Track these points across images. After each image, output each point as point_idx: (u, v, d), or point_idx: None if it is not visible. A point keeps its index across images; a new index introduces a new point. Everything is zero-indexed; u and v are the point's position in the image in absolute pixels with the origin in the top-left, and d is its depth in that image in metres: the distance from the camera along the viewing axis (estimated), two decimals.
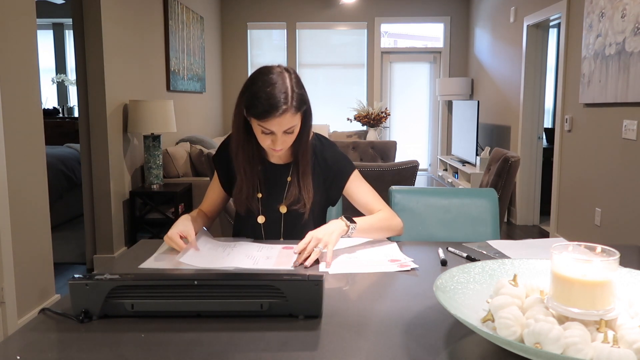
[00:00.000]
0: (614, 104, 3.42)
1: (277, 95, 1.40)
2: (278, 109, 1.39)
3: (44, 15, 7.31)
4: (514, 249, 1.47)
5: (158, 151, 3.92)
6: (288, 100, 1.41)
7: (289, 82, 1.44)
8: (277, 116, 1.40)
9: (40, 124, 2.73)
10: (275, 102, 1.40)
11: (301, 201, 1.58)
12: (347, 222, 1.45)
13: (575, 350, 0.76)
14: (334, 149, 1.66)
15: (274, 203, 1.61)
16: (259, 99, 1.41)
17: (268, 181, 1.63)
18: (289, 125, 1.44)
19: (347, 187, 1.64)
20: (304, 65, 7.27)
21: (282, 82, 1.42)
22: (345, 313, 1.04)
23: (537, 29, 4.89)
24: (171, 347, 0.89)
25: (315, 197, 1.63)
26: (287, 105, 1.41)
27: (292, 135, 1.49)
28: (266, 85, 1.42)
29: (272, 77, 1.43)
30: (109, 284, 0.98)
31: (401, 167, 3.02)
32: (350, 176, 1.64)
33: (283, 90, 1.41)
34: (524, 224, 5.06)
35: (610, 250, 0.87)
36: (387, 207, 1.61)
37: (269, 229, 1.64)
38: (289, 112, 1.42)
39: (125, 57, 3.89)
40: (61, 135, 5.84)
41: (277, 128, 1.43)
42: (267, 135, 1.46)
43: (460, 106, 6.23)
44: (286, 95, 1.41)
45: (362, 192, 1.63)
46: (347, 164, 1.65)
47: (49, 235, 2.80)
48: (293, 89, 1.43)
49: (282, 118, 1.41)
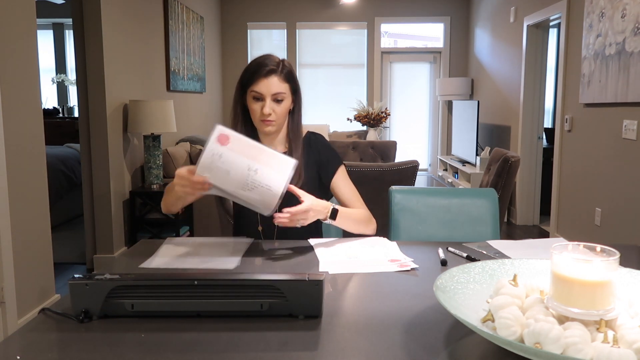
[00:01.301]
0: (614, 104, 3.42)
1: (266, 62, 1.57)
2: (266, 67, 1.55)
3: (44, 15, 7.31)
4: (514, 249, 1.47)
5: (158, 151, 3.92)
6: (278, 66, 1.57)
7: (283, 59, 1.61)
8: (263, 75, 1.54)
9: (40, 124, 2.73)
10: (264, 64, 1.56)
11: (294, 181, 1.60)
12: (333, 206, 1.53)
13: (575, 350, 0.76)
14: (325, 143, 1.75)
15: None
16: (250, 66, 1.58)
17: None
18: (277, 90, 1.55)
19: (334, 180, 1.70)
20: (304, 65, 7.27)
21: (276, 57, 1.60)
22: (345, 313, 1.04)
23: (537, 29, 4.89)
24: (171, 347, 0.89)
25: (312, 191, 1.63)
26: (275, 68, 1.55)
27: (280, 106, 1.58)
28: (260, 57, 1.60)
29: (269, 55, 1.61)
30: (109, 284, 0.98)
31: (401, 167, 3.02)
32: (338, 169, 1.70)
33: (275, 60, 1.58)
34: (524, 224, 5.06)
35: (610, 250, 0.87)
36: (366, 209, 1.69)
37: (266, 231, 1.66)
38: (276, 76, 1.55)
39: (125, 57, 3.89)
40: (61, 135, 5.83)
41: (265, 89, 1.55)
42: (258, 103, 1.57)
43: (460, 106, 6.23)
44: (277, 63, 1.57)
45: (347, 187, 1.70)
46: (336, 157, 1.73)
47: (49, 235, 2.80)
48: (284, 64, 1.59)
49: (269, 80, 1.54)
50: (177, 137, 4.96)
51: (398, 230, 1.81)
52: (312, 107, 7.30)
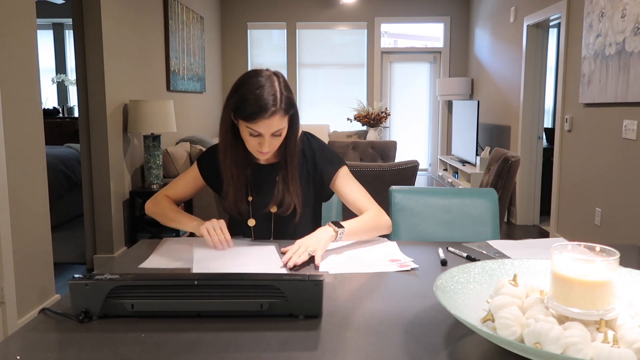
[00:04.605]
0: (614, 104, 3.42)
1: (266, 97, 1.42)
2: (267, 111, 1.41)
3: (44, 15, 7.31)
4: (514, 249, 1.47)
5: (158, 151, 3.92)
6: (277, 102, 1.43)
7: (278, 85, 1.46)
8: (265, 118, 1.41)
9: (40, 124, 2.73)
10: (264, 104, 1.41)
11: (292, 203, 1.58)
12: (335, 227, 1.45)
13: (575, 350, 0.76)
14: (322, 146, 1.67)
15: (264, 204, 1.61)
16: (247, 101, 1.42)
17: (258, 183, 1.63)
18: (277, 128, 1.46)
19: (336, 184, 1.64)
20: (304, 65, 7.27)
21: (270, 84, 1.44)
22: (345, 313, 1.04)
23: (537, 29, 4.89)
24: (171, 347, 0.89)
25: (307, 195, 1.64)
26: (275, 107, 1.42)
27: (279, 138, 1.50)
28: (255, 87, 1.43)
29: (261, 80, 1.45)
30: (109, 284, 0.98)
31: (401, 167, 3.02)
32: (338, 172, 1.64)
33: (272, 92, 1.43)
34: (524, 224, 5.06)
35: (610, 250, 0.87)
36: (375, 206, 1.61)
37: (260, 229, 1.64)
38: (278, 115, 1.43)
39: (125, 57, 3.89)
40: (61, 135, 5.83)
41: (266, 130, 1.44)
42: (254, 138, 1.47)
43: (460, 106, 6.23)
44: (275, 98, 1.42)
45: (350, 189, 1.63)
46: (335, 160, 1.65)
47: (49, 235, 2.80)
48: (282, 92, 1.45)
49: (270, 120, 1.42)
50: (177, 137, 4.96)
51: (398, 230, 1.81)
52: (312, 107, 7.31)
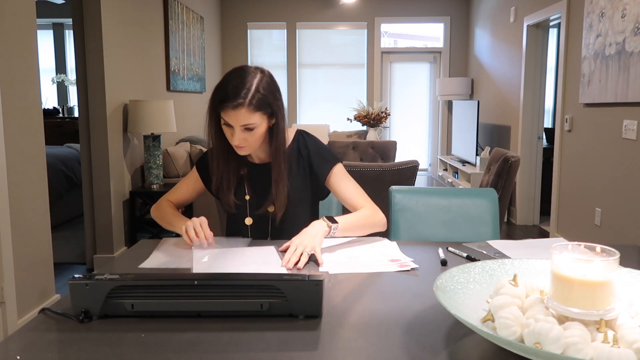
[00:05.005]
0: (614, 104, 3.42)
1: (237, 88, 1.44)
2: (233, 101, 1.42)
3: (44, 15, 7.30)
4: (514, 249, 1.47)
5: (158, 151, 3.92)
6: (247, 96, 1.43)
7: (257, 81, 1.47)
8: (231, 107, 1.43)
9: (40, 124, 2.73)
10: (233, 94, 1.43)
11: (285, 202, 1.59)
12: (328, 222, 1.46)
13: (575, 350, 0.76)
14: (317, 144, 1.68)
15: (260, 203, 1.62)
16: (220, 88, 1.46)
17: (254, 182, 1.64)
18: (246, 122, 1.45)
19: (331, 181, 1.64)
20: (304, 65, 7.27)
21: (250, 79, 1.46)
22: (345, 313, 1.04)
23: (537, 29, 4.89)
24: (171, 347, 0.89)
25: (304, 194, 1.65)
26: (243, 100, 1.43)
27: (252, 134, 1.49)
28: (233, 77, 1.47)
29: (242, 73, 1.48)
30: (109, 284, 0.98)
31: (401, 167, 3.02)
32: (332, 169, 1.64)
33: (247, 86, 1.44)
34: (524, 224, 5.06)
35: (610, 250, 0.87)
36: (370, 203, 1.62)
37: (257, 228, 1.65)
38: (244, 108, 1.43)
39: (125, 57, 3.89)
40: (61, 135, 5.83)
41: (234, 121, 1.45)
42: (228, 129, 1.49)
43: (460, 106, 6.23)
44: (247, 92, 1.44)
45: (345, 186, 1.64)
46: (329, 157, 1.66)
47: (49, 235, 2.80)
48: (258, 89, 1.45)
49: (237, 111, 1.43)
50: (177, 137, 4.96)
51: (398, 230, 1.81)
52: (312, 107, 7.31)
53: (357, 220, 1.55)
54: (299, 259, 1.32)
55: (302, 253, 1.33)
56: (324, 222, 1.46)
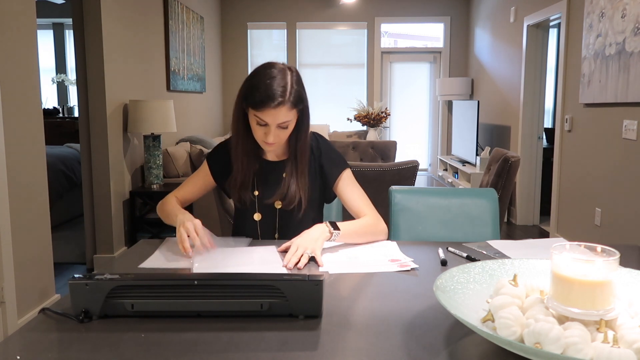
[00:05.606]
0: (614, 104, 3.42)
1: (275, 88, 1.45)
2: (274, 100, 1.44)
3: (44, 15, 7.31)
4: (514, 249, 1.47)
5: (158, 151, 3.92)
6: (285, 94, 1.45)
7: (290, 78, 1.49)
8: (272, 107, 1.44)
9: (40, 124, 2.73)
10: (272, 94, 1.44)
11: (297, 199, 1.60)
12: (330, 228, 1.46)
13: (575, 350, 0.76)
14: (329, 147, 1.70)
15: (269, 199, 1.63)
16: (257, 89, 1.46)
17: (264, 178, 1.65)
18: (284, 120, 1.48)
19: (339, 186, 1.66)
20: (304, 65, 7.27)
21: (282, 77, 1.47)
22: (345, 313, 1.04)
23: (537, 29, 4.89)
24: (171, 347, 0.89)
25: (313, 193, 1.65)
26: (283, 98, 1.45)
27: (285, 131, 1.52)
28: (266, 77, 1.47)
29: (274, 71, 1.48)
30: (109, 284, 0.98)
31: (401, 167, 3.02)
32: (341, 174, 1.66)
33: (282, 84, 1.46)
34: (524, 224, 5.06)
35: (610, 250, 0.87)
36: (373, 212, 1.63)
37: (265, 226, 1.66)
38: (285, 106, 1.45)
39: (126, 57, 3.89)
40: (61, 135, 5.83)
41: (272, 120, 1.46)
42: (261, 127, 1.50)
43: (460, 106, 6.23)
44: (284, 90, 1.45)
45: (352, 192, 1.65)
46: (339, 162, 1.68)
47: (49, 235, 2.80)
48: (292, 85, 1.48)
49: (277, 110, 1.45)
50: (177, 137, 4.96)
51: (398, 230, 1.81)
52: (312, 107, 7.19)
53: (358, 228, 1.55)
54: (299, 259, 1.33)
55: (303, 254, 1.34)
56: (326, 227, 1.46)
